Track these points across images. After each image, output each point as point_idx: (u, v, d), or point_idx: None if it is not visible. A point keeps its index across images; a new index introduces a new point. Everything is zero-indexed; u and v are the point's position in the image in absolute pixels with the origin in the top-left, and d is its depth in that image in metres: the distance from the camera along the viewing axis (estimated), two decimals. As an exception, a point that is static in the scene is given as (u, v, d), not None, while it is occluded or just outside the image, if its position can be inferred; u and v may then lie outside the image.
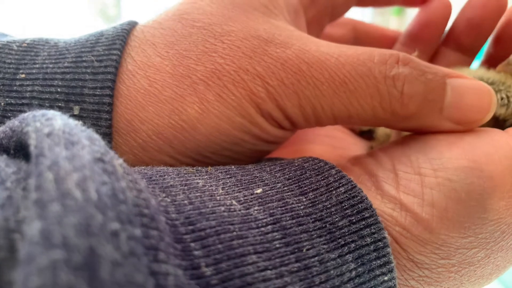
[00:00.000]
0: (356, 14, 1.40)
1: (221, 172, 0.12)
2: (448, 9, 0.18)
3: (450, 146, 0.12)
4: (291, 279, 0.10)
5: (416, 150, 0.13)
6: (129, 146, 0.13)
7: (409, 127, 0.13)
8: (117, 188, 0.08)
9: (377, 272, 0.11)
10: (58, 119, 0.09)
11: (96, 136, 0.09)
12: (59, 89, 0.13)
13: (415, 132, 0.14)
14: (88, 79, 0.13)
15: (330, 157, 0.15)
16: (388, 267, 0.11)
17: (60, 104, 0.13)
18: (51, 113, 0.10)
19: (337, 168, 0.12)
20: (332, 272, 0.10)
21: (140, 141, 0.13)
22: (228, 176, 0.12)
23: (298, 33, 0.13)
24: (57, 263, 0.06)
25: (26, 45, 0.14)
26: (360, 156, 0.14)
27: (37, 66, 0.14)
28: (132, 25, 0.15)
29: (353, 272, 0.11)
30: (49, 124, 0.09)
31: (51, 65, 0.14)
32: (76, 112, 0.13)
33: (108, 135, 0.13)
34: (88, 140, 0.09)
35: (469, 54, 0.18)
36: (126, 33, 0.14)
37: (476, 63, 0.20)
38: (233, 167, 0.12)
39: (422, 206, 0.12)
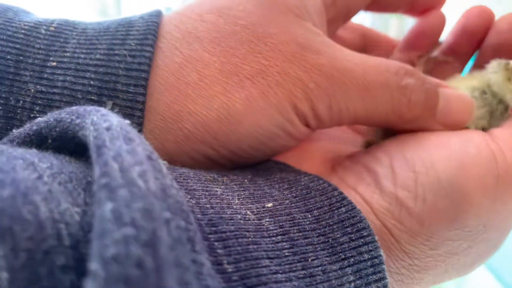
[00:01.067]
0: (356, 14, 1.41)
1: (236, 185, 0.13)
2: (442, 21, 0.21)
3: (439, 148, 0.14)
4: (298, 284, 0.11)
5: (410, 149, 0.14)
6: (174, 135, 0.14)
7: (407, 128, 0.15)
8: (165, 184, 0.09)
9: (373, 286, 0.12)
10: (113, 116, 0.10)
11: (142, 136, 0.10)
12: (92, 82, 0.14)
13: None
14: (122, 74, 0.14)
15: (332, 151, 0.17)
16: (383, 282, 0.12)
17: (93, 98, 0.14)
18: (104, 110, 0.10)
19: (339, 190, 0.13)
20: (333, 281, 0.11)
21: (186, 131, 0.14)
22: (242, 189, 0.13)
23: (327, 40, 0.15)
24: (128, 238, 0.07)
25: (53, 29, 0.14)
26: (359, 153, 0.16)
27: (68, 54, 0.14)
28: (159, 15, 0.15)
29: (352, 284, 0.12)
30: (106, 119, 0.10)
31: (82, 55, 0.14)
32: (108, 107, 0.13)
33: (138, 132, 0.13)
34: (139, 138, 0.10)
35: (462, 61, 0.21)
36: (156, 26, 0.14)
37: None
38: (245, 180, 0.14)
39: (415, 201, 0.13)
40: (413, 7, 0.20)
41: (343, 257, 0.12)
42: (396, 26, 1.31)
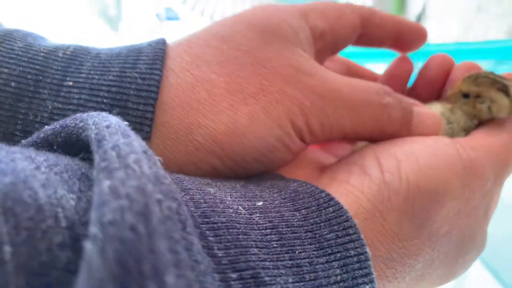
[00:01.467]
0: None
1: (228, 188, 0.14)
2: (409, 68, 0.24)
3: (416, 143, 0.16)
4: (285, 272, 0.12)
5: (392, 145, 0.16)
6: (185, 146, 0.15)
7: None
8: (158, 173, 0.10)
9: (360, 281, 0.13)
10: (112, 117, 0.11)
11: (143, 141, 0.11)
12: (105, 100, 0.15)
13: None
14: (132, 94, 0.15)
15: (320, 162, 0.19)
16: (369, 277, 0.13)
17: None
18: (105, 113, 0.12)
19: (327, 192, 0.15)
20: (320, 273, 0.12)
21: (196, 143, 0.15)
22: (234, 191, 0.14)
23: (317, 64, 0.17)
24: (123, 207, 0.08)
25: (70, 53, 0.16)
26: (346, 156, 0.18)
27: (83, 75, 0.15)
28: (164, 43, 0.17)
29: (339, 277, 0.13)
30: (106, 120, 0.11)
31: (96, 77, 0.15)
32: None
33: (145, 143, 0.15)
34: (135, 135, 0.11)
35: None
36: (163, 52, 0.16)
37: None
38: (237, 185, 0.15)
39: (400, 182, 0.15)
40: (397, 43, 0.23)
41: (330, 252, 0.13)
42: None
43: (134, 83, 0.15)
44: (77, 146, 0.13)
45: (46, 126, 0.13)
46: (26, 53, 0.16)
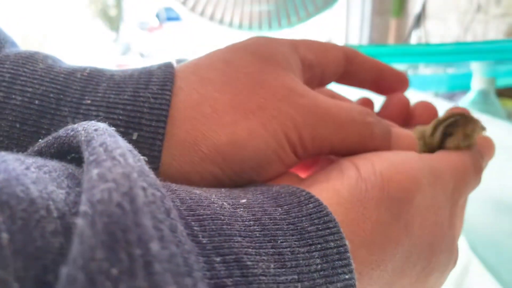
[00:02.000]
0: (356, 14, 1.41)
1: (213, 190, 0.16)
2: (404, 103, 0.25)
3: (389, 152, 0.19)
4: (267, 258, 0.13)
5: (367, 154, 0.18)
6: (190, 156, 0.17)
7: None
8: (143, 167, 0.11)
9: (339, 271, 0.14)
10: (100, 123, 0.13)
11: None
12: (120, 117, 0.17)
13: None
14: (146, 112, 0.17)
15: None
16: (348, 268, 0.14)
17: (121, 130, 0.17)
18: (93, 121, 0.13)
19: (307, 191, 0.16)
20: (301, 261, 0.13)
21: (201, 153, 0.17)
22: (219, 192, 0.15)
23: (307, 87, 0.19)
24: (111, 189, 0.09)
25: (86, 74, 0.18)
26: (326, 165, 0.19)
27: (99, 95, 0.17)
28: (172, 66, 0.19)
29: (319, 266, 0.13)
30: (95, 125, 0.12)
31: (112, 96, 0.17)
32: (134, 137, 0.16)
33: (157, 157, 0.17)
34: (120, 137, 0.12)
35: None
36: (172, 75, 0.18)
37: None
38: (222, 189, 0.16)
39: (375, 175, 0.16)
40: (378, 86, 0.25)
41: (311, 243, 0.14)
42: (395, 25, 1.31)
43: (147, 102, 0.17)
44: (68, 155, 0.14)
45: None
46: (48, 74, 0.17)
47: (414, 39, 1.17)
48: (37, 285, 0.09)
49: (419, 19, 1.15)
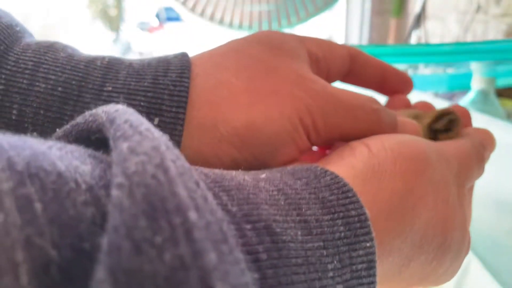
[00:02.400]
0: (356, 14, 1.41)
1: (232, 171, 0.16)
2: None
3: (396, 134, 0.19)
4: (294, 225, 0.13)
5: (377, 136, 0.19)
6: (209, 138, 0.17)
7: None
8: (167, 141, 0.11)
9: (361, 239, 0.14)
10: (120, 105, 0.13)
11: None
12: (141, 103, 0.17)
13: None
14: (166, 98, 0.17)
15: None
16: (369, 236, 0.14)
17: (142, 115, 0.17)
18: (113, 104, 0.13)
19: (321, 167, 0.16)
20: (326, 229, 0.14)
21: (219, 135, 0.17)
22: (238, 172, 0.16)
23: (316, 75, 0.20)
24: (144, 161, 0.10)
25: (106, 62, 0.18)
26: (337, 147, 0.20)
27: (120, 82, 0.18)
28: (187, 55, 0.19)
29: (342, 233, 0.14)
30: (114, 107, 0.13)
31: (132, 83, 0.18)
32: (155, 122, 0.17)
33: (178, 142, 0.17)
34: (141, 115, 0.12)
35: None
36: (189, 63, 0.18)
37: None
38: (240, 170, 0.16)
39: (385, 152, 0.17)
40: (382, 86, 0.25)
41: (333, 211, 0.14)
42: (395, 25, 1.31)
43: (167, 89, 0.17)
44: (85, 143, 0.14)
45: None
46: (69, 62, 0.18)
47: (414, 39, 1.16)
48: (74, 253, 0.09)
49: (419, 19, 1.15)
